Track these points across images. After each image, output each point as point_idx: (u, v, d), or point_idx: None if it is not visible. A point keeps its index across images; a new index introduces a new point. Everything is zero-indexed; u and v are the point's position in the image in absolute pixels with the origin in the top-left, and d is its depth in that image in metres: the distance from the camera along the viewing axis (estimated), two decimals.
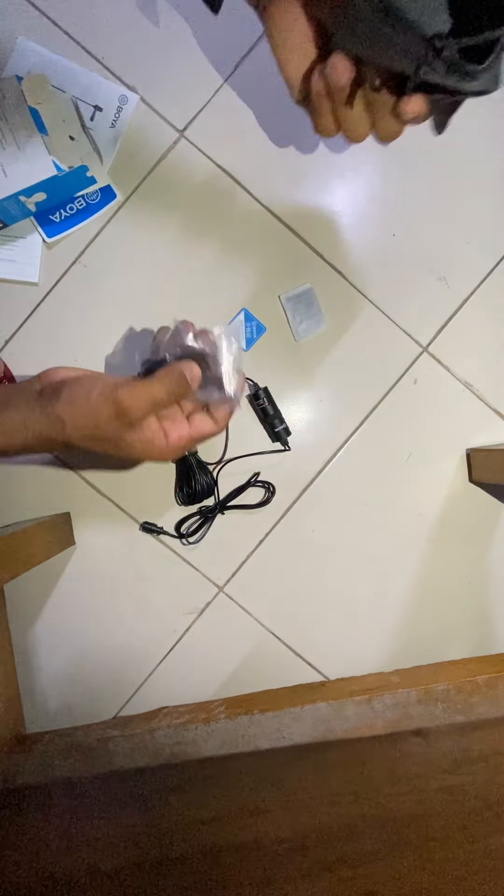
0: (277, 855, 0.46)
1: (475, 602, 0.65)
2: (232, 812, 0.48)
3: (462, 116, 0.63)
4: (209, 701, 0.58)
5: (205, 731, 0.50)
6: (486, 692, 0.51)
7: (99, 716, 0.62)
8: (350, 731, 0.50)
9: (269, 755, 0.49)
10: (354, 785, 0.48)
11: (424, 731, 0.49)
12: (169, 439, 0.44)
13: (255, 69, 0.60)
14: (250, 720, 0.50)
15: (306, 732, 0.50)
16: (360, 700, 0.50)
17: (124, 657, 0.63)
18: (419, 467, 0.63)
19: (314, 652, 0.64)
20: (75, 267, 0.61)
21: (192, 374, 0.43)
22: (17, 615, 0.62)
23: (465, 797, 0.47)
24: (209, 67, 0.60)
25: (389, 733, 0.49)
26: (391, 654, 0.64)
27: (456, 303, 0.63)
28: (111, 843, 0.48)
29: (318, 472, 0.63)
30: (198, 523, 0.62)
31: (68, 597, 0.62)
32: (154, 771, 0.49)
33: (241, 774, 0.49)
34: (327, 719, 0.50)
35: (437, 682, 0.51)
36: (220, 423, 0.47)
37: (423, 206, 0.63)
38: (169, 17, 0.60)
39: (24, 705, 0.61)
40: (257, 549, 0.63)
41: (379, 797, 0.47)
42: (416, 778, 0.48)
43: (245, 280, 0.62)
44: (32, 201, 0.55)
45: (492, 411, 0.64)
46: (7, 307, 0.61)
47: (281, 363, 0.62)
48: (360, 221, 0.62)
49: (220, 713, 0.52)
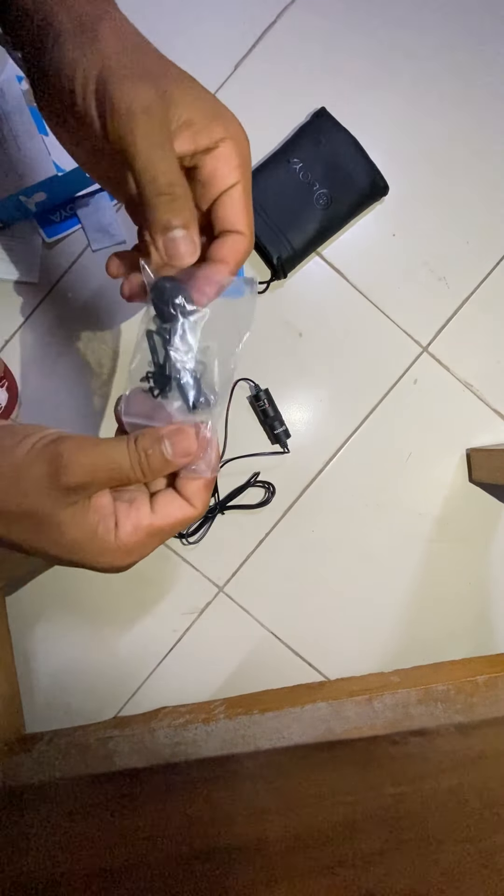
0: (277, 855, 0.46)
1: (475, 602, 0.65)
2: (232, 812, 0.48)
3: (462, 116, 0.63)
4: (209, 701, 0.58)
5: (205, 731, 0.50)
6: (486, 692, 0.51)
7: (99, 716, 0.62)
8: (350, 731, 0.50)
9: (269, 755, 0.49)
10: (354, 785, 0.48)
11: (424, 731, 0.49)
12: (119, 532, 0.28)
13: (256, 66, 0.60)
14: (250, 720, 0.50)
15: (306, 732, 0.50)
16: (360, 700, 0.50)
17: (124, 657, 0.63)
18: (419, 467, 0.63)
19: (314, 652, 0.64)
20: (75, 267, 0.61)
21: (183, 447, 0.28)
22: (17, 616, 0.62)
23: (465, 797, 0.47)
24: (211, 65, 0.60)
25: (389, 733, 0.49)
26: (391, 654, 0.64)
27: (456, 303, 0.63)
28: (111, 844, 0.48)
29: (318, 472, 0.63)
30: (198, 523, 0.62)
31: (68, 597, 0.62)
32: (154, 771, 0.49)
33: (241, 774, 0.49)
34: (327, 719, 0.50)
35: (437, 682, 0.51)
36: (199, 502, 0.30)
37: (423, 206, 0.63)
38: (173, 13, 0.60)
39: (24, 705, 0.61)
40: (257, 549, 0.63)
41: (379, 797, 0.47)
42: (416, 778, 0.48)
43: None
44: (32, 201, 0.55)
45: (492, 411, 0.64)
46: (7, 307, 0.60)
47: (281, 363, 0.62)
48: (361, 221, 0.62)
49: (220, 713, 0.52)
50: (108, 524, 0.28)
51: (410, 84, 0.62)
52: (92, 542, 0.27)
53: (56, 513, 0.26)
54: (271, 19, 0.61)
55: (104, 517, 0.28)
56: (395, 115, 0.62)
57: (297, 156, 0.58)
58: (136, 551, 0.29)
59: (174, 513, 0.29)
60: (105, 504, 0.28)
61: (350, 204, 0.59)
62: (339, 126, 0.58)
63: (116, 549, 0.28)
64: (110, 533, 0.28)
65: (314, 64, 0.61)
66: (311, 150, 0.58)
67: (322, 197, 0.58)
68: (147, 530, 0.28)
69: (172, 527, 0.29)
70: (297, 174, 0.58)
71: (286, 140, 0.60)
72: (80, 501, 0.27)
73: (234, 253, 0.30)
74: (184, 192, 0.27)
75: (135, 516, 0.28)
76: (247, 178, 0.30)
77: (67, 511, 0.27)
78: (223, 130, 0.28)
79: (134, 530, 0.28)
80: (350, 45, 0.61)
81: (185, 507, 0.30)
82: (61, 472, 0.26)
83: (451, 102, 0.62)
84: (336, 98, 0.60)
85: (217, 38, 0.60)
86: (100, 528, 0.27)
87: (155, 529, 0.29)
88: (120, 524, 0.28)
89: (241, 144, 0.29)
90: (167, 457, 0.28)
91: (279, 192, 0.58)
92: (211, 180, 0.29)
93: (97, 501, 0.28)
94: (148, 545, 0.29)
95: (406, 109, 0.62)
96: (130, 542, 0.28)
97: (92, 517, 0.27)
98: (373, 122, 0.61)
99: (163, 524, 0.29)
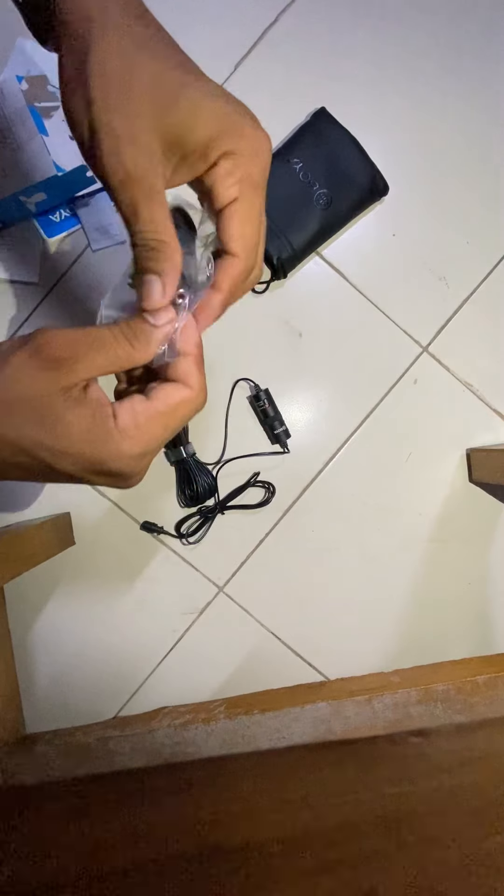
0: (277, 855, 0.46)
1: (475, 602, 0.65)
2: (232, 812, 0.48)
3: (462, 116, 0.63)
4: (209, 701, 0.58)
5: (205, 731, 0.50)
6: (486, 692, 0.51)
7: (99, 716, 0.62)
8: (350, 731, 0.50)
9: (269, 755, 0.49)
10: (354, 785, 0.48)
11: (424, 731, 0.49)
12: (118, 420, 0.27)
13: (256, 66, 0.60)
14: (250, 720, 0.50)
15: (306, 732, 0.50)
16: (360, 700, 0.50)
17: (124, 657, 0.63)
18: (419, 467, 0.63)
19: (314, 652, 0.64)
20: (75, 267, 0.61)
21: (162, 313, 0.28)
22: (17, 615, 0.62)
23: (464, 797, 0.47)
24: (211, 65, 0.60)
25: (389, 733, 0.49)
26: (391, 654, 0.64)
27: (456, 303, 0.63)
28: (111, 844, 0.47)
29: (318, 472, 0.63)
30: (198, 523, 0.62)
31: (68, 597, 0.62)
32: (154, 771, 0.49)
33: (241, 774, 0.49)
34: (327, 719, 0.50)
35: (437, 682, 0.51)
36: (194, 381, 0.29)
37: (424, 206, 0.63)
38: (173, 13, 0.60)
39: (24, 705, 0.61)
40: (257, 549, 0.63)
41: (379, 797, 0.47)
42: (416, 778, 0.48)
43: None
44: (32, 201, 0.55)
45: (492, 411, 0.64)
46: (7, 307, 0.61)
47: (281, 363, 0.62)
48: (360, 221, 0.62)
49: (220, 713, 0.52)
50: (105, 412, 0.27)
51: (410, 84, 0.62)
52: (91, 430, 0.27)
53: (52, 403, 0.26)
54: (271, 19, 0.61)
55: (99, 406, 0.27)
56: (394, 115, 0.62)
57: (297, 156, 0.58)
58: (139, 438, 0.28)
59: (171, 394, 0.29)
60: (99, 396, 0.28)
61: (350, 204, 0.59)
62: (339, 126, 0.58)
63: (120, 435, 0.27)
64: (109, 419, 0.27)
65: (314, 64, 0.61)
66: (311, 150, 0.58)
67: (322, 197, 0.58)
68: (146, 415, 0.28)
69: (173, 409, 0.29)
70: (297, 174, 0.58)
71: (286, 140, 0.60)
72: (73, 392, 0.26)
73: (227, 277, 0.29)
74: (163, 244, 0.27)
75: (129, 405, 0.28)
76: (247, 193, 0.28)
77: (62, 400, 0.26)
78: (224, 147, 0.26)
79: (132, 417, 0.27)
80: (350, 45, 0.61)
81: (179, 387, 0.29)
82: (43, 346, 0.26)
83: (451, 102, 0.62)
84: (336, 98, 0.60)
85: (217, 38, 0.60)
86: (97, 415, 0.27)
87: (154, 413, 0.28)
88: (118, 413, 0.27)
89: (245, 158, 0.27)
90: (149, 320, 0.28)
91: (279, 192, 0.58)
92: (211, 197, 0.28)
93: (91, 393, 0.27)
94: (152, 431, 0.28)
95: (406, 109, 0.62)
96: (130, 427, 0.27)
97: (87, 406, 0.27)
98: (373, 122, 0.61)
99: (161, 406, 0.28)
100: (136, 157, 0.25)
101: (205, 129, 0.26)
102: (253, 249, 0.29)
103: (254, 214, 0.28)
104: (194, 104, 0.26)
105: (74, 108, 0.25)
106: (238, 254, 0.28)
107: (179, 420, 0.29)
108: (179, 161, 0.26)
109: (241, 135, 0.27)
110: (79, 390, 0.27)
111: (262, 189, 0.28)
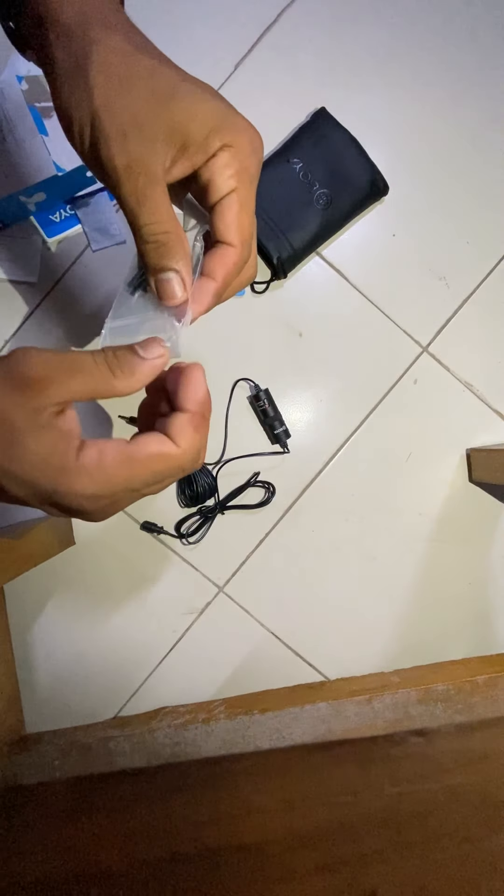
0: (277, 855, 0.46)
1: (475, 602, 0.65)
2: (232, 812, 0.48)
3: (463, 116, 0.63)
4: (209, 701, 0.58)
5: (205, 731, 0.50)
6: (486, 692, 0.51)
7: (99, 716, 0.62)
8: (350, 731, 0.50)
9: (269, 755, 0.49)
10: (354, 785, 0.48)
11: (424, 731, 0.49)
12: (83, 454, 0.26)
13: (256, 66, 0.60)
14: (250, 720, 0.50)
15: (306, 732, 0.50)
16: (360, 700, 0.50)
17: (124, 657, 0.63)
18: (419, 467, 0.63)
19: (314, 652, 0.64)
20: (75, 267, 0.61)
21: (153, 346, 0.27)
22: (17, 615, 0.62)
23: (465, 797, 0.47)
24: (211, 65, 0.60)
25: (389, 733, 0.49)
26: (391, 654, 0.64)
27: (456, 303, 0.63)
28: (111, 844, 0.47)
29: (318, 472, 0.63)
30: (198, 523, 0.62)
31: (68, 597, 0.62)
32: (154, 771, 0.49)
33: (241, 774, 0.49)
34: (327, 719, 0.50)
35: (437, 682, 0.51)
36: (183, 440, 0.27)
37: (423, 206, 0.63)
38: (173, 13, 0.60)
39: (24, 705, 0.61)
40: (257, 549, 0.63)
41: (379, 797, 0.47)
42: (416, 778, 0.48)
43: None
44: (32, 201, 0.55)
45: (492, 411, 0.64)
46: (7, 307, 0.60)
47: (281, 363, 0.62)
48: (361, 221, 0.62)
49: (220, 713, 0.52)
50: (71, 443, 0.25)
51: (410, 84, 0.62)
52: (48, 459, 0.25)
53: (15, 423, 0.25)
54: (271, 19, 0.61)
55: (66, 436, 0.25)
56: (395, 115, 0.62)
57: (297, 156, 0.58)
58: (96, 479, 0.25)
59: (149, 444, 0.27)
60: (72, 426, 0.26)
61: (350, 204, 0.59)
62: (339, 126, 0.58)
63: (76, 470, 0.25)
64: (71, 451, 0.25)
65: (314, 64, 0.61)
66: (311, 150, 0.58)
67: (322, 197, 0.58)
68: (113, 457, 0.26)
69: (145, 460, 0.26)
70: (297, 174, 0.58)
71: (286, 140, 0.60)
72: (43, 416, 0.25)
73: (222, 266, 0.29)
74: (171, 237, 0.27)
75: (102, 443, 0.26)
76: (245, 185, 0.28)
77: (27, 422, 0.25)
78: (222, 140, 0.27)
79: (98, 455, 0.25)
80: (350, 44, 0.61)
81: (163, 440, 0.27)
82: (16, 365, 0.25)
83: (451, 102, 0.62)
84: (336, 98, 0.60)
85: (217, 38, 0.60)
86: (59, 444, 0.25)
87: (123, 458, 0.26)
88: (85, 448, 0.26)
89: (243, 151, 0.27)
90: (139, 352, 0.27)
91: (279, 192, 0.58)
92: (207, 189, 0.28)
93: (62, 421, 0.26)
94: (114, 476, 0.26)
95: (406, 109, 0.62)
96: (92, 465, 0.25)
97: (52, 432, 0.25)
98: (373, 122, 0.61)
99: (134, 453, 0.26)
100: (140, 145, 0.26)
101: (204, 120, 0.26)
102: (248, 240, 0.29)
103: (250, 206, 0.29)
104: (194, 97, 0.26)
105: (74, 102, 0.26)
106: (235, 243, 0.29)
107: (151, 474, 0.27)
108: (178, 152, 0.27)
109: (239, 129, 0.27)
110: (49, 415, 0.25)
111: (255, 184, 0.29)
